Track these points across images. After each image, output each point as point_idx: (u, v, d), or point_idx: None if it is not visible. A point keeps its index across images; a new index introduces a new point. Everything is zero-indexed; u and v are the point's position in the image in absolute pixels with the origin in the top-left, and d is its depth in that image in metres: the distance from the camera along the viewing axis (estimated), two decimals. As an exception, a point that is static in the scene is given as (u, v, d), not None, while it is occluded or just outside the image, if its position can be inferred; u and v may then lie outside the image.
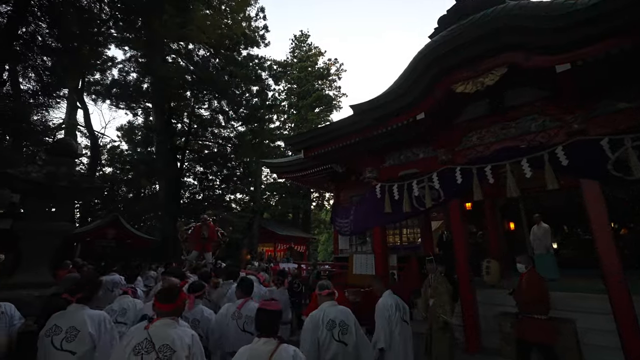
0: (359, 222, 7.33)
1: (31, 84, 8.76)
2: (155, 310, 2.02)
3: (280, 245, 25.08)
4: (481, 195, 5.13)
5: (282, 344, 1.80)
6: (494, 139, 5.29)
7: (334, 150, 6.44)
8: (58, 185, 3.52)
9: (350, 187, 10.22)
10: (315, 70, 32.38)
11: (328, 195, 34.04)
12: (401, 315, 3.24)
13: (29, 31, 8.60)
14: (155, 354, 1.77)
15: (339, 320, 2.54)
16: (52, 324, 2.31)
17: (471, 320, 5.02)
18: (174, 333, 1.87)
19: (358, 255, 8.69)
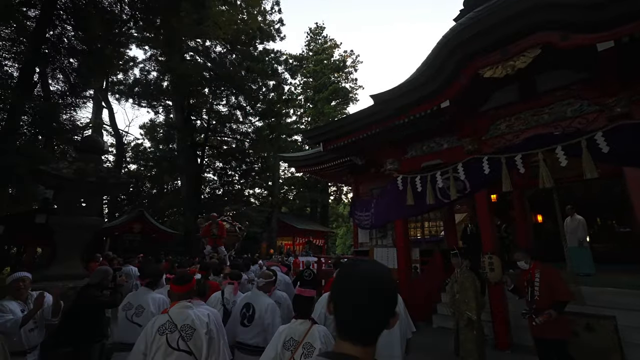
0: (380, 215, 7.21)
1: (59, 85, 9.10)
2: (171, 294, 2.26)
3: (298, 239, 25.27)
4: (510, 186, 4.88)
5: (315, 324, 2.05)
6: (525, 126, 5.01)
7: (353, 142, 6.32)
8: (87, 180, 3.63)
9: (369, 179, 10.06)
10: (331, 63, 32.03)
11: (346, 189, 33.89)
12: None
13: (56, 34, 8.90)
14: (178, 333, 1.98)
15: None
16: (127, 301, 2.89)
17: (500, 316, 4.84)
18: (192, 314, 2.08)
19: (379, 249, 8.59)
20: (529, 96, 4.94)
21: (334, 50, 33.03)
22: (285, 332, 2.02)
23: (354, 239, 10.58)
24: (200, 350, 2.02)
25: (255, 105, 19.95)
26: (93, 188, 3.75)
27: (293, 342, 1.96)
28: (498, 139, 5.24)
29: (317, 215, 31.00)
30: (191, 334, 2.01)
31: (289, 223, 23.72)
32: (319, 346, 1.95)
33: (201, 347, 2.02)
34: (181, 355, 1.97)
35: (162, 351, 1.95)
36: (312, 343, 1.94)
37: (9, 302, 2.77)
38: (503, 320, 4.83)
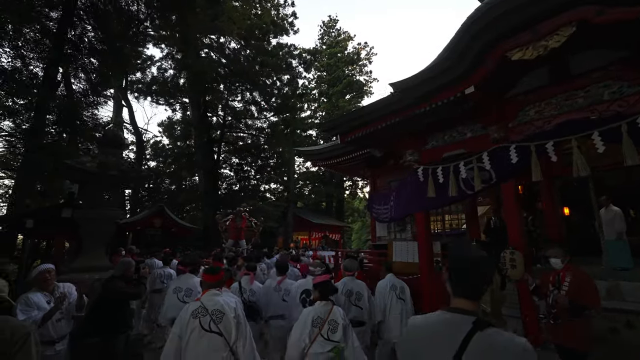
0: (400, 208, 7.03)
1: (81, 84, 9.36)
2: (202, 283, 2.56)
3: (315, 233, 25.32)
4: (541, 175, 4.62)
5: (335, 306, 2.54)
6: (556, 111, 4.71)
7: (371, 133, 6.15)
8: (109, 174, 3.68)
9: (387, 172, 9.86)
10: (344, 56, 31.66)
11: (361, 183, 33.70)
12: (397, 293, 3.86)
13: (77, 33, 9.11)
14: (209, 316, 2.23)
15: (355, 290, 3.52)
16: (176, 285, 3.54)
17: (530, 313, 4.62)
18: (221, 300, 2.37)
19: (398, 242, 8.41)
20: (562, 79, 4.63)
21: (348, 42, 32.64)
22: (312, 312, 2.47)
23: (371, 233, 10.45)
24: (229, 332, 2.26)
25: (270, 100, 19.95)
26: (115, 181, 3.80)
27: (320, 320, 2.42)
28: (527, 125, 4.96)
29: (333, 210, 30.97)
30: (221, 318, 2.26)
31: (305, 218, 23.77)
32: (341, 322, 2.44)
33: (230, 329, 2.27)
34: (213, 337, 2.19)
35: (196, 333, 2.17)
36: (336, 320, 2.44)
37: (34, 295, 2.83)
38: (533, 317, 4.61)
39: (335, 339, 2.38)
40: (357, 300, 3.52)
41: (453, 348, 1.05)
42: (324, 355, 2.33)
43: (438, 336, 1.13)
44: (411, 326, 1.28)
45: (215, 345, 2.18)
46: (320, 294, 2.59)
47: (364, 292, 3.59)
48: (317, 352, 2.33)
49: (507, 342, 1.06)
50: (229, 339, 2.24)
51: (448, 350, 1.06)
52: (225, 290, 2.60)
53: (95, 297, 3.18)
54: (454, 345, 1.06)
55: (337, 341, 2.38)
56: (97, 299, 3.13)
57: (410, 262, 7.96)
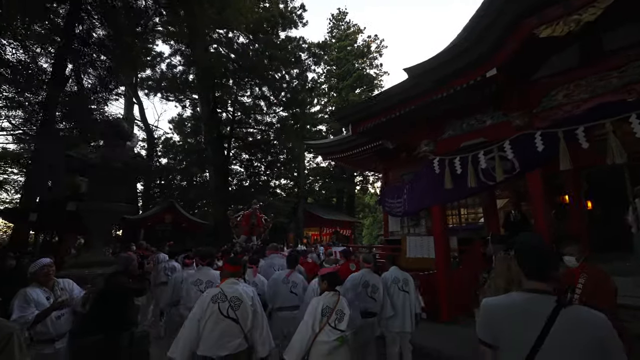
0: (414, 202, 6.73)
1: (90, 80, 9.35)
2: (223, 271, 2.72)
3: (325, 229, 25.10)
4: (570, 164, 4.26)
5: (341, 296, 2.67)
6: (587, 94, 4.34)
7: (384, 122, 5.88)
8: (112, 166, 3.55)
9: (400, 165, 9.55)
10: (354, 49, 31.14)
11: (372, 179, 33.26)
12: (399, 286, 3.88)
13: (84, 29, 9.07)
14: (228, 303, 2.31)
15: (372, 282, 3.64)
16: (196, 277, 3.59)
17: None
18: (240, 288, 2.45)
19: (412, 238, 8.13)
20: (594, 59, 4.26)
21: (357, 35, 32.07)
22: (321, 302, 2.57)
23: (384, 228, 10.18)
24: (245, 320, 2.33)
25: (279, 95, 19.76)
26: (119, 174, 3.67)
27: (328, 310, 2.52)
28: (554, 110, 4.60)
29: (344, 206, 30.68)
30: (239, 305, 2.33)
31: (316, 213, 23.58)
32: (348, 312, 2.56)
33: (247, 317, 2.34)
34: (230, 324, 2.26)
35: (214, 317, 2.24)
36: (342, 310, 2.56)
37: (33, 290, 2.70)
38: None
39: (341, 327, 2.48)
40: (372, 292, 3.63)
41: (539, 323, 1.18)
42: (329, 344, 2.41)
43: (523, 313, 1.25)
44: (493, 307, 1.37)
45: (231, 331, 2.24)
46: (329, 284, 2.71)
47: (379, 285, 3.71)
48: (323, 340, 2.42)
49: (591, 315, 1.19)
50: (245, 326, 2.31)
51: (533, 325, 1.19)
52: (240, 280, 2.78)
53: (97, 293, 3.04)
54: (540, 320, 1.18)
55: (343, 330, 2.48)
56: (100, 295, 3.00)
57: (425, 257, 7.68)
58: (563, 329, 1.14)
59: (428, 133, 6.10)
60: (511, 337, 1.24)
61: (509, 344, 1.25)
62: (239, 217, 9.83)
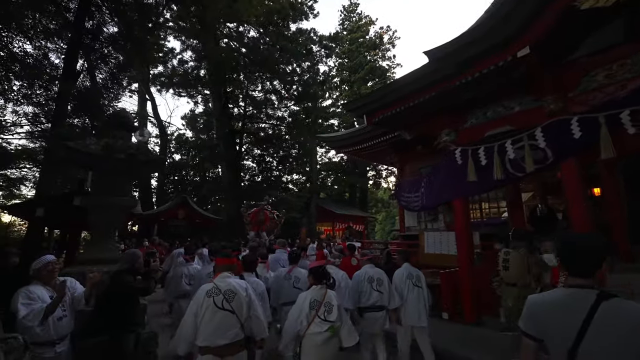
0: (433, 196, 6.39)
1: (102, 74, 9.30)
2: (216, 266, 2.72)
3: (338, 224, 24.83)
4: (613, 151, 3.85)
5: (329, 289, 2.78)
6: (633, 73, 3.89)
7: (402, 112, 5.53)
8: (115, 157, 3.37)
9: (417, 158, 9.16)
10: (366, 41, 30.45)
11: (385, 173, 32.68)
12: (413, 281, 3.87)
13: (95, 23, 9.00)
14: (222, 296, 2.35)
15: (375, 277, 3.75)
16: (209, 271, 3.74)
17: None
18: (233, 282, 2.50)
19: (430, 233, 7.77)
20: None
21: (369, 27, 31.33)
22: (309, 296, 2.69)
23: (399, 223, 9.83)
24: (241, 310, 2.39)
25: (290, 89, 19.50)
26: (123, 165, 3.49)
27: (316, 303, 2.64)
28: (593, 93, 4.17)
29: (356, 201, 30.28)
30: (233, 297, 2.38)
31: (328, 208, 23.31)
32: (335, 304, 2.68)
33: (242, 308, 2.40)
34: (226, 314, 2.32)
35: (210, 310, 2.30)
36: (331, 302, 2.67)
37: (35, 287, 2.54)
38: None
39: (331, 319, 2.61)
40: (378, 285, 3.72)
41: (581, 316, 1.23)
42: (321, 334, 2.55)
43: (566, 308, 1.30)
44: (538, 302, 1.42)
45: (228, 321, 2.32)
46: (315, 278, 2.80)
47: (383, 278, 3.81)
48: (315, 331, 2.56)
49: (630, 306, 1.22)
50: (241, 316, 2.38)
51: (576, 318, 1.24)
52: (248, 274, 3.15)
53: (102, 292, 2.88)
54: (582, 313, 1.23)
55: (333, 321, 2.61)
56: (104, 294, 2.83)
57: (444, 254, 7.32)
58: (603, 320, 1.19)
59: (449, 122, 5.72)
60: (556, 330, 1.31)
61: (554, 337, 1.32)
62: (250, 214, 10.04)
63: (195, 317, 2.30)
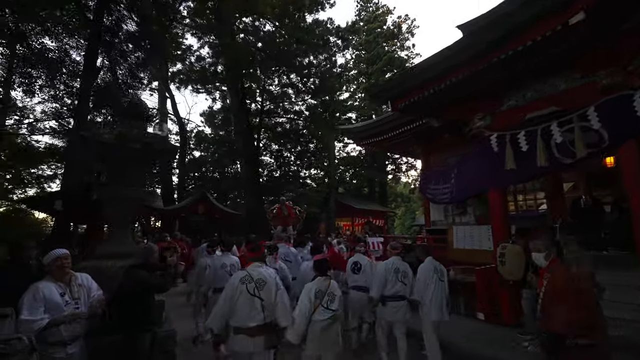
0: (464, 187, 5.91)
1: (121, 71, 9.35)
2: (247, 257, 3.06)
3: (357, 219, 24.43)
4: (687, 131, 3.30)
5: (332, 280, 3.08)
6: None
7: (431, 96, 5.10)
8: (129, 146, 3.20)
9: (443, 147, 8.66)
10: (384, 31, 29.62)
11: (405, 167, 31.89)
12: (438, 276, 3.88)
13: (113, 19, 9.02)
14: (254, 283, 2.60)
15: (402, 269, 3.96)
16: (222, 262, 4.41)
17: None
18: (263, 271, 2.75)
19: (459, 227, 7.31)
20: None
21: (387, 17, 30.46)
22: (314, 287, 2.92)
23: (425, 217, 9.38)
24: (269, 297, 2.64)
25: (307, 82, 19.20)
26: (137, 155, 3.33)
27: (321, 293, 2.87)
28: (660, 64, 3.61)
29: (375, 195, 29.73)
30: (263, 285, 2.63)
31: (347, 203, 22.97)
32: (338, 294, 2.96)
33: (270, 295, 2.65)
34: (256, 300, 2.57)
35: (243, 295, 2.56)
36: (334, 292, 2.94)
37: (45, 286, 2.38)
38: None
39: (333, 307, 2.89)
40: (403, 277, 3.92)
41: None
42: (324, 321, 2.82)
43: None
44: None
45: (257, 306, 2.56)
46: (319, 270, 3.07)
47: (408, 270, 4.00)
48: (318, 319, 2.82)
49: None
50: (268, 303, 2.62)
51: None
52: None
53: (116, 289, 2.71)
54: None
55: (335, 310, 2.90)
56: (117, 291, 2.66)
57: (475, 249, 6.86)
58: None
59: (483, 105, 5.25)
60: None
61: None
62: (274, 210, 10.48)
63: (230, 300, 2.56)
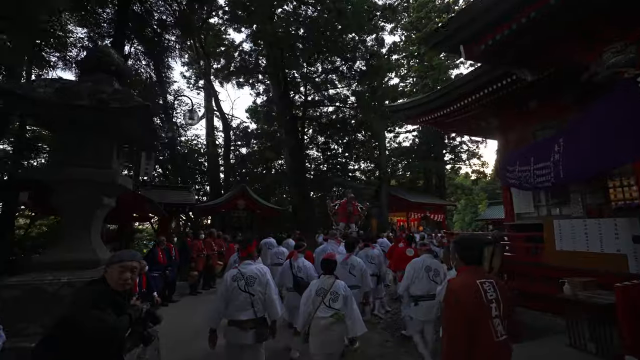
0: (582, 162, 4.06)
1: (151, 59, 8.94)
2: (239, 257, 3.30)
3: (413, 214, 22.33)
4: None
5: (337, 279, 3.18)
6: None
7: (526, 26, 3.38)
8: (75, 105, 2.19)
9: (528, 118, 6.67)
10: (437, 5, 26.52)
11: (465, 155, 28.57)
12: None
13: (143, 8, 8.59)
14: (244, 280, 2.84)
15: (433, 267, 3.97)
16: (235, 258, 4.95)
17: None
18: (253, 268, 2.96)
19: (563, 222, 5.31)
20: None
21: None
22: (317, 284, 3.13)
23: (505, 209, 7.38)
24: (257, 292, 2.83)
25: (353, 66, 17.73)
26: (89, 118, 2.31)
27: (323, 291, 3.04)
28: None
29: (432, 188, 27.04)
30: (253, 282, 2.84)
31: (401, 196, 21.02)
32: (342, 293, 3.03)
33: (260, 291, 2.85)
34: (247, 297, 2.78)
35: (235, 292, 2.79)
36: (337, 291, 3.04)
37: None
38: None
39: (335, 306, 2.93)
40: (435, 276, 3.83)
41: None
42: (326, 319, 2.89)
43: None
44: None
45: (248, 301, 2.77)
46: (324, 269, 3.22)
47: (440, 268, 3.91)
48: (320, 316, 2.92)
49: None
50: (257, 298, 2.81)
51: None
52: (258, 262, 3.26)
53: (54, 324, 1.63)
54: None
55: (338, 309, 2.93)
56: (58, 329, 1.58)
57: (590, 252, 4.86)
58: None
59: (619, 31, 3.35)
60: None
61: None
62: (337, 206, 10.38)
63: (224, 297, 2.79)
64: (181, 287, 7.70)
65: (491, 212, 26.27)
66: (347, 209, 10.03)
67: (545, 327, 5.16)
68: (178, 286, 7.75)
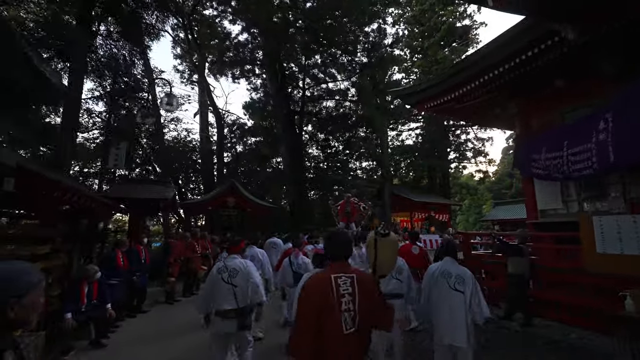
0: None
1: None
2: (229, 251, 3.51)
3: (416, 213, 21.40)
4: None
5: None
6: None
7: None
8: None
9: (553, 99, 5.77)
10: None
11: (471, 153, 27.60)
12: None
13: None
14: (228, 273, 3.08)
15: (454, 273, 3.10)
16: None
17: None
18: (237, 262, 3.21)
19: (606, 219, 4.35)
20: None
21: (445, -21, 26.35)
22: (307, 277, 2.89)
23: (526, 204, 6.44)
24: (240, 284, 3.05)
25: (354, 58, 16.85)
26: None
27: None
28: None
29: (437, 187, 26.08)
30: (235, 274, 3.08)
31: (404, 196, 20.10)
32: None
33: (241, 282, 3.07)
34: (230, 288, 3.01)
35: (220, 283, 3.03)
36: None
37: None
38: None
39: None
40: (457, 283, 2.98)
41: None
42: None
43: None
44: None
45: (230, 292, 3.00)
46: (314, 262, 3.61)
47: (465, 274, 3.07)
48: None
49: None
50: (240, 289, 3.03)
51: None
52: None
53: None
54: None
55: None
56: None
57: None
58: None
59: None
60: None
61: None
62: (338, 206, 10.08)
63: (210, 288, 3.08)
64: (158, 294, 6.84)
65: (496, 212, 25.31)
66: (345, 209, 9.80)
67: (584, 346, 4.25)
68: (156, 293, 6.89)
